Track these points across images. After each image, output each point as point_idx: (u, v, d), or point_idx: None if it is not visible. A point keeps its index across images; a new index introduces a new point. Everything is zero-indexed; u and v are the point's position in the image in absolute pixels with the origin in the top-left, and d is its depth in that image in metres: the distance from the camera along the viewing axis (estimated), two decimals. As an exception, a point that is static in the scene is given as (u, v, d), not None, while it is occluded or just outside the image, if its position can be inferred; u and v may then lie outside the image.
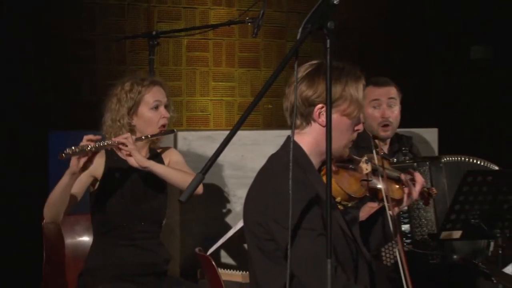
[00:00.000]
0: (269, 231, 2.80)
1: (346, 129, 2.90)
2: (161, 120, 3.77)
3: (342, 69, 2.91)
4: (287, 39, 6.64)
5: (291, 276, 2.73)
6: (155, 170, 3.66)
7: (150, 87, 3.77)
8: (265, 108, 6.59)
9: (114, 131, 3.74)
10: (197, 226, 4.44)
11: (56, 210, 3.59)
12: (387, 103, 4.17)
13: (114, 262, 3.72)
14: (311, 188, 2.82)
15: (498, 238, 3.70)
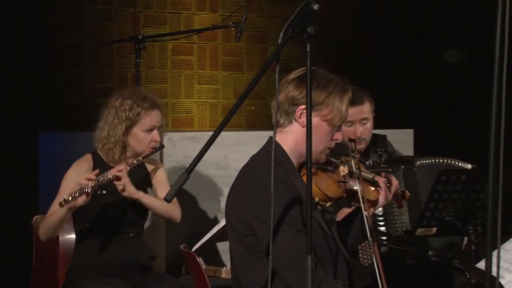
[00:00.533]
0: (250, 227, 2.80)
1: (325, 135, 2.91)
2: (152, 143, 3.79)
3: (331, 79, 2.93)
4: (268, 43, 6.64)
5: (272, 272, 2.74)
6: (143, 201, 3.71)
7: (149, 110, 3.78)
8: (247, 110, 6.59)
9: (108, 145, 3.76)
10: (182, 224, 4.42)
11: (52, 233, 3.67)
12: (360, 122, 4.18)
13: (100, 259, 3.73)
14: (291, 187, 2.83)
15: (471, 234, 3.71)
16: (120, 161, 3.76)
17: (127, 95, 3.81)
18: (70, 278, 3.74)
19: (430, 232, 3.80)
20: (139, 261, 3.79)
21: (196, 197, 4.52)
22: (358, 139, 4.15)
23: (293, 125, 2.91)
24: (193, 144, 4.49)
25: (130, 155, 3.81)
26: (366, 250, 3.93)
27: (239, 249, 2.87)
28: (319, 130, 2.86)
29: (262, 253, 2.77)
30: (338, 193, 2.96)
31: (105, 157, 3.79)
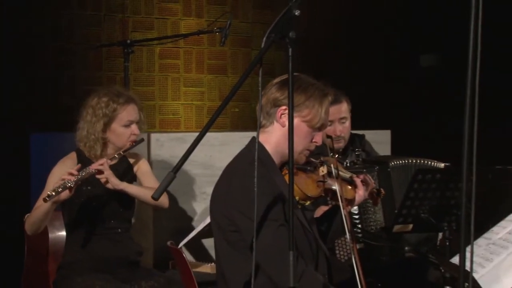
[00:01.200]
0: (235, 223, 2.80)
1: (304, 135, 2.93)
2: (131, 137, 3.79)
3: (313, 84, 2.96)
4: (252, 47, 6.65)
5: (256, 266, 2.74)
6: (128, 191, 3.71)
7: (124, 105, 3.77)
8: (232, 112, 6.60)
9: (89, 143, 3.75)
10: (168, 221, 4.43)
11: (37, 227, 3.64)
12: (339, 121, 4.20)
13: (90, 255, 3.72)
14: (274, 184, 2.84)
15: (446, 230, 3.73)
16: (102, 157, 3.75)
17: (102, 93, 3.80)
18: (61, 274, 3.73)
19: (406, 229, 3.81)
20: (127, 257, 3.79)
21: (183, 195, 4.51)
22: (337, 137, 4.18)
23: (274, 125, 2.94)
24: (179, 144, 4.49)
25: (112, 150, 3.80)
26: (343, 246, 3.95)
27: (223, 245, 2.87)
28: (298, 130, 2.86)
29: (246, 249, 2.77)
30: (317, 192, 2.98)
31: (88, 154, 3.78)
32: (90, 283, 3.59)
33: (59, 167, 3.76)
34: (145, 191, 3.75)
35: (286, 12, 2.51)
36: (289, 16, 2.50)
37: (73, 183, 3.47)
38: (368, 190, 3.25)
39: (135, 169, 3.93)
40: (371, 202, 3.47)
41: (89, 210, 3.74)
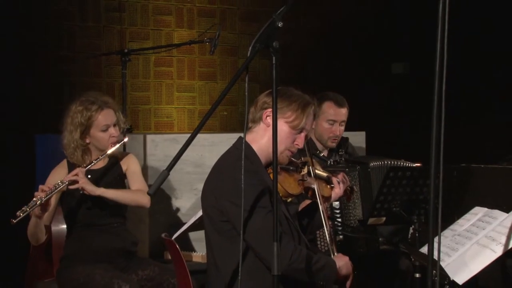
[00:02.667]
0: (225, 213, 2.81)
1: (286, 136, 2.96)
2: (111, 139, 3.72)
3: (298, 94, 3.02)
4: (239, 56, 6.65)
5: (247, 251, 2.75)
6: (106, 196, 3.64)
7: (98, 111, 3.68)
8: (221, 115, 6.59)
9: (71, 151, 3.70)
10: (163, 215, 4.42)
11: (36, 238, 3.62)
12: (340, 123, 4.23)
13: (89, 247, 3.70)
14: (260, 177, 2.85)
15: (416, 223, 3.74)
16: (85, 161, 3.69)
17: (79, 102, 3.72)
18: (63, 264, 3.72)
19: (380, 221, 3.82)
20: (124, 247, 3.77)
21: (176, 191, 4.50)
22: (335, 137, 4.21)
23: (260, 125, 2.97)
24: (173, 145, 4.48)
25: (96, 153, 3.74)
26: (323, 237, 3.95)
27: (215, 236, 2.87)
28: (281, 131, 2.90)
29: (237, 237, 2.77)
30: (298, 190, 3.02)
31: (71, 160, 3.73)
32: (90, 272, 3.58)
33: (52, 176, 3.73)
34: (123, 194, 3.70)
35: (270, 23, 2.51)
36: (272, 28, 2.51)
37: (43, 200, 3.40)
38: (342, 189, 3.29)
39: (124, 168, 3.87)
40: (345, 198, 3.49)
41: (84, 207, 3.72)
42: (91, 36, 6.05)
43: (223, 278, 2.85)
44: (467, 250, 2.93)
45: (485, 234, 2.97)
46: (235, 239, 2.80)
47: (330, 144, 4.24)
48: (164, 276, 3.66)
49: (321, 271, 2.88)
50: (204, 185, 2.99)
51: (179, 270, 3.16)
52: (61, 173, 3.70)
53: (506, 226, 2.96)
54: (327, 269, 2.91)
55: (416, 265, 3.71)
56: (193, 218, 4.21)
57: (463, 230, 3.08)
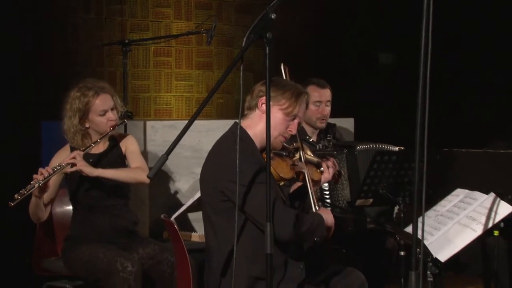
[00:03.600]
0: (227, 193, 2.81)
1: (280, 122, 2.97)
2: (109, 123, 3.69)
3: (292, 84, 3.04)
4: (234, 47, 6.64)
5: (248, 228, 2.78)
6: (104, 176, 3.62)
7: (95, 97, 3.66)
8: (217, 102, 6.59)
9: (71, 136, 3.68)
10: (162, 197, 4.42)
11: (37, 216, 3.63)
12: (325, 104, 4.24)
13: (92, 228, 3.70)
14: (256, 156, 2.87)
15: (401, 204, 3.75)
16: (85, 145, 3.67)
17: (77, 89, 3.70)
18: (67, 244, 3.72)
19: (367, 203, 3.83)
20: (125, 227, 3.77)
21: (174, 175, 4.50)
22: (323, 116, 4.22)
23: (256, 112, 2.98)
24: (171, 131, 4.47)
25: (95, 136, 3.72)
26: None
27: (214, 216, 2.87)
28: (275, 117, 2.92)
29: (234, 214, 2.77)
30: (290, 174, 3.04)
31: (72, 144, 3.72)
32: (93, 251, 3.58)
33: (55, 158, 3.72)
34: (121, 173, 3.68)
35: (264, 15, 2.51)
36: (266, 19, 2.50)
37: (41, 183, 3.41)
38: (331, 173, 3.30)
39: (123, 149, 3.84)
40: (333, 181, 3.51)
41: (87, 189, 3.71)
42: (93, 27, 6.02)
43: (223, 255, 2.85)
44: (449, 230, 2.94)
45: (466, 214, 2.98)
46: (234, 217, 2.80)
47: (319, 124, 4.24)
48: (163, 254, 3.67)
49: (317, 229, 2.93)
50: (202, 169, 2.99)
51: (177, 249, 3.17)
52: (63, 156, 3.67)
53: (486, 207, 2.97)
54: (320, 225, 2.95)
55: (401, 244, 3.72)
56: (191, 200, 4.21)
57: (445, 211, 3.09)
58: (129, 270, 3.45)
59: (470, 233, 2.88)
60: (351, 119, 5.04)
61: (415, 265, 2.30)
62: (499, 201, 2.99)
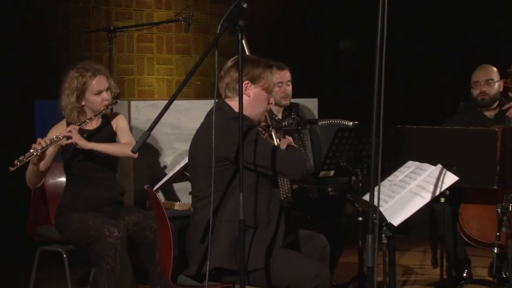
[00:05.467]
0: (229, 157, 2.82)
1: (264, 100, 3.02)
2: (104, 102, 3.66)
3: (260, 59, 3.03)
4: (210, 34, 6.62)
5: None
6: (97, 149, 3.59)
7: (92, 78, 3.63)
8: (195, 84, 6.57)
9: (68, 112, 3.64)
10: (145, 169, 4.39)
11: (33, 183, 3.61)
12: (286, 83, 4.22)
13: (83, 198, 3.67)
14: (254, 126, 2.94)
15: (359, 175, 3.77)
16: (80, 121, 3.64)
17: (75, 69, 3.67)
18: (60, 212, 3.69)
19: (329, 174, 3.84)
20: (113, 197, 3.74)
21: (156, 149, 4.47)
22: (286, 95, 4.22)
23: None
24: (153, 110, 4.43)
25: (90, 113, 3.68)
26: (283, 186, 3.98)
27: (207, 175, 2.81)
28: (260, 97, 2.99)
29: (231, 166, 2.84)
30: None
31: (68, 120, 3.68)
32: (83, 218, 3.55)
33: (52, 132, 3.67)
34: (112, 147, 3.66)
35: (236, 5, 2.49)
36: (238, 8, 2.48)
37: (38, 152, 3.39)
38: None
39: (114, 126, 3.81)
40: None
41: (80, 161, 3.68)
42: (82, 15, 5.98)
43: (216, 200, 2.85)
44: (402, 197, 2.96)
45: (416, 184, 3.00)
46: (227, 167, 2.84)
47: (283, 102, 4.24)
48: (147, 221, 3.66)
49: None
50: (197, 141, 2.98)
51: (159, 216, 3.16)
52: (59, 129, 3.65)
53: (434, 177, 3.00)
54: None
55: (359, 210, 3.75)
56: (171, 172, 4.20)
57: (398, 181, 3.11)
58: (115, 236, 3.43)
59: (420, 200, 2.90)
60: (315, 99, 5.04)
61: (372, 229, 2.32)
62: (445, 171, 3.02)
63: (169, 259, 2.95)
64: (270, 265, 2.85)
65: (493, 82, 4.30)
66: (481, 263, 4.72)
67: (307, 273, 2.82)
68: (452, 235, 4.20)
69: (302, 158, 3.02)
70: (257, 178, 2.89)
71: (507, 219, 3.69)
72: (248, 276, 2.82)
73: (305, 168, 3.00)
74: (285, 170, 2.90)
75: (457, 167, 3.23)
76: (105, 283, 3.43)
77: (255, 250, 2.84)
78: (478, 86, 4.33)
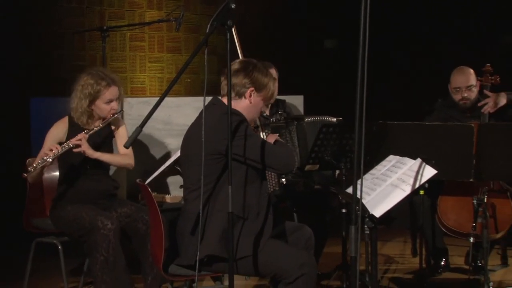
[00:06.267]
0: (223, 150, 2.81)
1: (260, 105, 3.05)
2: (112, 111, 3.67)
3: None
4: (200, 33, 6.61)
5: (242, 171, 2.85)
6: (102, 159, 3.60)
7: (106, 87, 3.62)
8: (185, 82, 6.56)
9: (78, 115, 3.64)
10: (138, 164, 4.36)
11: (35, 180, 3.62)
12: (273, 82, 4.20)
13: (77, 191, 3.65)
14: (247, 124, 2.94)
15: (343, 169, 3.77)
16: (88, 124, 3.64)
17: (90, 75, 3.64)
18: (55, 204, 3.67)
19: (314, 168, 3.85)
20: (107, 190, 3.73)
21: (148, 144, 4.46)
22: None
23: (242, 100, 2.98)
24: (145, 106, 4.42)
25: (97, 118, 3.69)
26: (271, 180, 3.98)
27: (198, 167, 2.80)
28: (259, 104, 3.02)
29: (222, 159, 2.82)
30: None
31: (77, 121, 3.67)
32: (78, 211, 3.54)
33: (54, 129, 3.66)
34: (115, 159, 3.68)
35: (225, 5, 2.48)
36: (227, 9, 2.47)
37: (51, 158, 3.40)
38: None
39: (113, 128, 3.81)
40: None
41: (77, 158, 3.65)
42: (76, 15, 5.96)
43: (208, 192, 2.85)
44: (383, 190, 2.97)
45: (397, 177, 3.01)
46: (219, 160, 2.83)
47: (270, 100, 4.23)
48: (139, 213, 3.64)
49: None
50: (187, 136, 2.97)
51: (151, 209, 3.15)
52: (61, 127, 3.65)
53: (414, 170, 3.01)
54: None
55: (343, 202, 3.76)
56: (162, 166, 4.18)
57: (380, 174, 3.12)
58: (108, 228, 3.42)
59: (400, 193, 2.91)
60: (300, 96, 5.04)
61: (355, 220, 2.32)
62: (424, 165, 3.03)
63: (160, 250, 2.94)
64: (258, 254, 2.85)
65: (473, 87, 4.29)
66: (458, 252, 4.75)
67: (293, 262, 2.82)
68: (430, 226, 4.22)
69: (289, 152, 3.02)
70: (247, 172, 2.89)
71: (482, 210, 3.71)
72: (237, 264, 2.82)
73: (293, 162, 3.00)
74: (274, 164, 2.90)
75: (436, 161, 3.24)
76: (99, 273, 3.41)
77: (244, 239, 2.84)
78: (460, 92, 4.29)
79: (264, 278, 3.22)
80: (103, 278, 3.41)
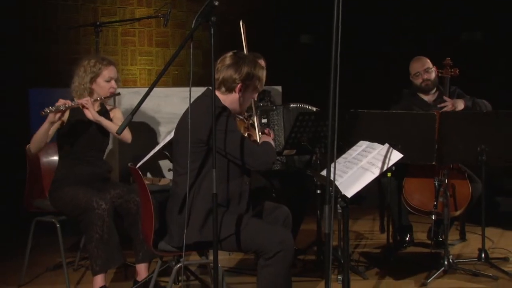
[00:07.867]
0: (205, 140, 2.77)
1: (251, 97, 3.00)
2: (111, 89, 3.68)
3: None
4: (186, 28, 6.57)
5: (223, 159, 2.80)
6: (103, 123, 3.61)
7: (107, 66, 3.66)
8: (172, 73, 6.52)
9: (80, 91, 3.63)
10: (129, 149, 4.35)
11: (38, 145, 3.51)
12: None
13: (74, 174, 3.63)
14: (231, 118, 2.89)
15: (318, 153, 3.79)
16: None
17: (92, 57, 3.71)
18: (53, 186, 3.64)
19: (292, 152, 3.86)
20: (101, 173, 3.71)
21: (139, 131, 4.43)
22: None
23: (232, 94, 2.92)
24: (136, 96, 4.39)
25: (96, 97, 3.68)
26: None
27: (186, 155, 2.79)
28: (250, 96, 2.97)
29: (203, 147, 2.78)
30: (244, 133, 3.04)
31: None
32: (75, 192, 3.52)
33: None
34: (115, 127, 3.66)
35: (209, 3, 2.46)
36: (211, 6, 2.45)
37: (64, 107, 3.39)
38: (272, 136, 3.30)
39: (111, 115, 3.81)
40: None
41: (75, 142, 3.64)
42: (71, 11, 5.89)
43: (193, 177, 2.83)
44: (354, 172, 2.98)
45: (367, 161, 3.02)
46: (203, 148, 2.80)
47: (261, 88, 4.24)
48: (130, 195, 3.63)
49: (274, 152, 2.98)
50: (179, 124, 2.93)
51: (141, 191, 3.13)
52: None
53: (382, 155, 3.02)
54: (273, 148, 3.00)
55: (318, 184, 3.77)
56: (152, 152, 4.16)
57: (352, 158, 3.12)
58: (103, 208, 3.40)
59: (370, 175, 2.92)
60: (279, 86, 5.04)
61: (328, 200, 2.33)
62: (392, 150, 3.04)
63: (150, 230, 2.93)
64: (240, 232, 2.85)
65: (430, 70, 4.36)
66: (421, 229, 4.80)
67: (272, 239, 2.82)
68: (397, 205, 4.26)
69: (269, 151, 2.93)
70: (228, 163, 2.87)
71: (443, 191, 3.75)
72: (221, 243, 2.82)
73: (271, 159, 2.90)
74: (250, 162, 2.83)
75: (402, 146, 3.26)
76: (94, 250, 3.40)
77: (226, 221, 2.84)
78: (420, 76, 4.37)
79: (246, 253, 3.22)
80: (98, 253, 3.40)
